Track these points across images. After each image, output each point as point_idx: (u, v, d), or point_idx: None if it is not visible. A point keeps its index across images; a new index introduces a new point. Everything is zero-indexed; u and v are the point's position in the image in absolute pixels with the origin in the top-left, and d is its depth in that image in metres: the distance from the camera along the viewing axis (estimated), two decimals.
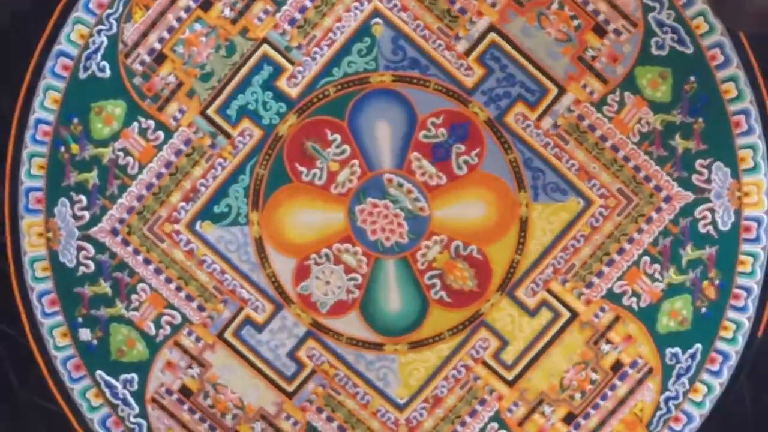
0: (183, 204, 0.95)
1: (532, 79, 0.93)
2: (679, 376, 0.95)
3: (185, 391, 0.97)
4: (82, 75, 0.94)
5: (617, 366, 0.96)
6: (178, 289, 0.96)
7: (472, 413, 0.97)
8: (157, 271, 0.96)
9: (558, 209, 0.94)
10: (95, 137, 0.94)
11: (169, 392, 0.97)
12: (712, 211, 0.94)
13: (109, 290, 0.96)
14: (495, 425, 0.96)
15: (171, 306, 0.96)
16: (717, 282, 0.94)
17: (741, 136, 0.93)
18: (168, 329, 0.97)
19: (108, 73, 0.94)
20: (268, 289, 0.96)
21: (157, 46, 0.94)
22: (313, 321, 0.97)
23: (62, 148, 0.95)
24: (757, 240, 0.94)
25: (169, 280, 0.96)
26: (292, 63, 0.94)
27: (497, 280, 0.95)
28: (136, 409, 0.97)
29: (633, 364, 0.95)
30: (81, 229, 0.95)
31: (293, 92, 0.94)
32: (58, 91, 0.94)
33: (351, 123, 0.94)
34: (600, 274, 0.95)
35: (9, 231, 0.96)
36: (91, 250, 0.96)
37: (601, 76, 0.93)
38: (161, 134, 0.95)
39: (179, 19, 0.94)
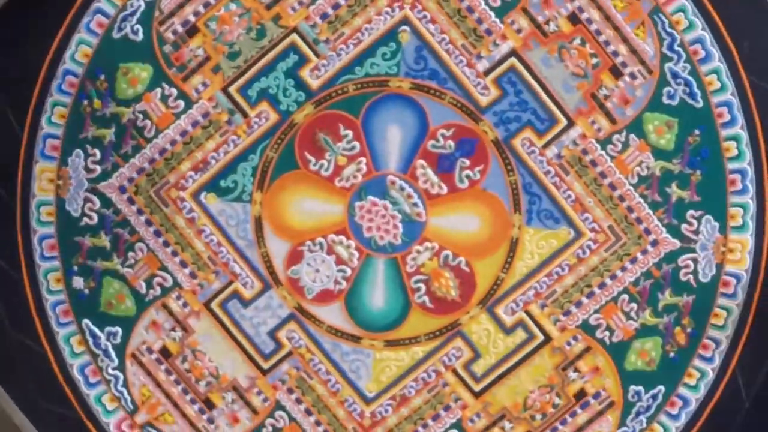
0: (192, 173, 0.99)
1: (543, 108, 0.96)
2: (638, 414, 0.99)
3: (165, 353, 1.01)
4: (116, 35, 0.97)
5: (581, 394, 0.99)
6: (174, 253, 0.99)
7: (435, 417, 1.00)
8: (157, 234, 0.99)
9: (548, 236, 0.98)
10: (118, 96, 0.98)
11: (150, 351, 1.01)
12: (695, 261, 0.97)
13: (108, 244, 0.99)
14: None
15: (164, 269, 1.00)
16: (689, 330, 0.97)
17: (734, 194, 0.96)
18: (158, 290, 1.00)
19: (140, 36, 0.97)
20: (260, 267, 1.00)
21: (192, 18, 0.97)
22: (297, 305, 1.00)
23: (85, 102, 0.98)
24: (733, 296, 0.97)
25: (166, 244, 0.99)
26: (317, 55, 0.97)
27: (480, 294, 0.99)
28: (116, 362, 1.01)
29: (596, 395, 0.99)
30: (91, 182, 0.99)
31: (314, 83, 0.97)
32: (89, 46, 0.97)
33: (365, 122, 0.98)
34: (578, 304, 0.98)
35: (21, 172, 0.99)
36: (97, 203, 0.99)
37: (610, 115, 0.96)
38: (182, 103, 0.98)
39: None
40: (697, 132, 0.96)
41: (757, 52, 0.95)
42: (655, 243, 0.97)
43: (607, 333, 0.98)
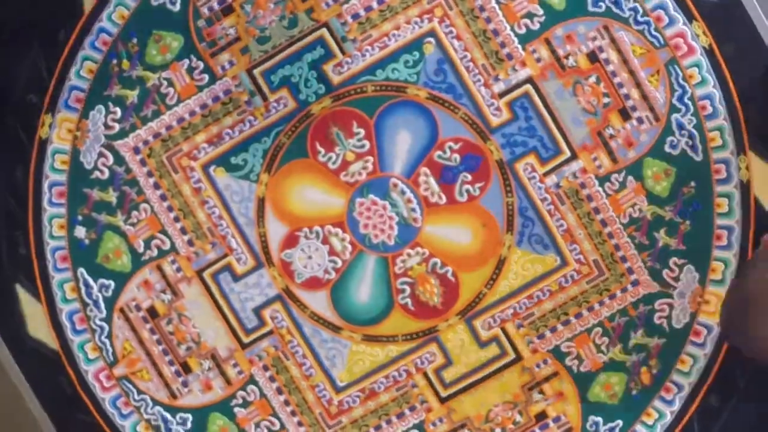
0: (205, 146, 1.02)
1: (550, 137, 0.99)
2: None
3: (152, 312, 1.04)
4: (154, 2, 1.00)
5: (542, 416, 1.02)
6: (176, 219, 1.02)
7: (400, 415, 1.03)
8: (163, 198, 1.02)
9: (535, 260, 1.01)
10: (147, 61, 1.01)
11: (138, 308, 1.04)
12: (671, 306, 1.00)
13: (114, 200, 1.02)
14: None
15: (164, 232, 1.03)
16: (654, 371, 1.01)
17: (719, 248, 0.99)
18: (155, 252, 1.03)
19: (178, 7, 1.00)
20: (256, 245, 1.03)
21: None
22: (285, 287, 1.03)
23: (114, 61, 1.01)
24: (702, 345, 1.00)
25: (170, 209, 1.02)
26: (343, 52, 1.00)
27: (461, 305, 1.02)
28: (104, 314, 1.04)
29: (556, 419, 1.02)
30: (107, 138, 1.02)
31: (335, 79, 1.00)
32: (127, 8, 1.00)
33: (378, 123, 1.01)
34: (553, 330, 1.01)
35: (42, 119, 1.02)
36: (110, 160, 1.02)
37: (613, 154, 0.99)
38: (206, 77, 1.01)
39: None
40: (692, 184, 0.99)
41: (764, 116, 0.98)
42: (635, 283, 1.00)
43: (576, 362, 1.01)
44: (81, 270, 1.03)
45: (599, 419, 1.01)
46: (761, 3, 0.97)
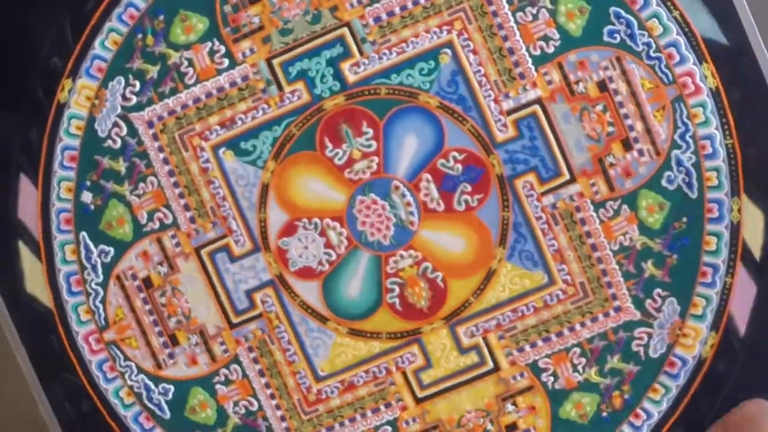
0: (217, 128, 1.04)
1: (552, 159, 1.02)
2: None
3: (147, 283, 1.06)
4: None
5: (512, 427, 1.05)
6: (181, 195, 1.05)
7: (375, 410, 1.06)
8: (170, 173, 1.05)
9: (524, 275, 1.03)
10: (171, 39, 1.03)
11: (134, 277, 1.06)
12: (649, 335, 1.02)
13: (123, 170, 1.05)
14: (389, 429, 1.06)
15: (168, 207, 1.05)
16: (626, 396, 1.03)
17: (702, 285, 1.02)
18: (157, 224, 1.06)
19: None
20: (255, 230, 1.05)
21: None
22: (279, 273, 1.06)
23: (139, 35, 1.03)
24: (675, 377, 1.03)
25: (177, 185, 1.05)
26: (361, 53, 1.03)
27: (446, 310, 1.04)
28: (101, 278, 1.06)
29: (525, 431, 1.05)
30: (124, 109, 1.04)
31: (351, 78, 1.03)
32: None
33: (387, 125, 1.03)
34: (533, 345, 1.04)
35: (64, 81, 1.05)
36: (124, 130, 1.05)
37: (610, 182, 1.02)
38: (226, 61, 1.03)
39: None
40: (684, 220, 1.01)
41: (762, 161, 1.00)
42: (618, 309, 1.03)
43: (551, 378, 1.04)
44: (83, 234, 1.06)
45: None
46: None
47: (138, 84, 1.04)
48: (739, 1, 0.99)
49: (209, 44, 1.03)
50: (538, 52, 1.01)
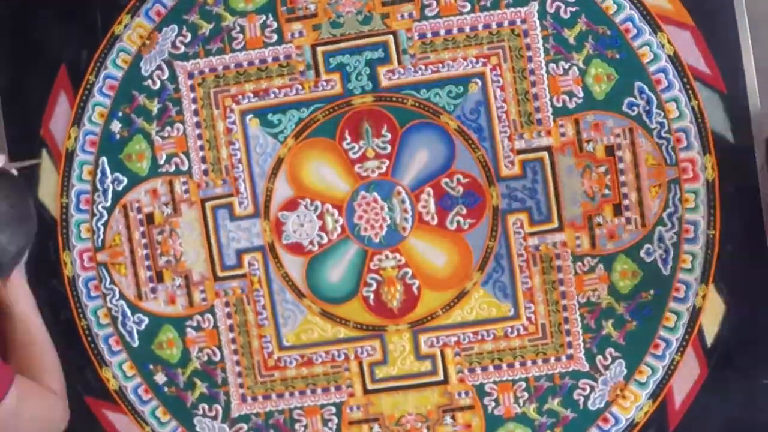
0: (250, 95, 1.10)
1: (546, 204, 1.08)
2: None
3: (150, 218, 1.12)
4: None
5: None
6: (201, 148, 1.11)
7: (325, 390, 1.12)
8: (197, 125, 1.11)
9: (492, 303, 1.09)
10: (231, 3, 1.09)
11: (139, 210, 1.12)
12: (592, 388, 1.08)
13: (155, 110, 1.11)
14: (333, 409, 1.12)
15: (187, 155, 1.11)
16: None
17: (652, 356, 1.08)
18: (172, 167, 1.12)
19: None
20: (260, 197, 1.11)
21: None
22: (271, 242, 1.12)
23: None
24: None
25: (200, 137, 1.11)
26: (399, 62, 1.08)
27: (414, 316, 1.10)
28: (108, 203, 1.12)
29: None
30: (170, 56, 1.11)
31: (384, 82, 1.09)
32: None
33: (405, 133, 1.09)
34: (484, 369, 1.10)
35: (122, 16, 1.11)
36: (166, 74, 1.11)
37: (594, 240, 1.07)
38: (275, 37, 1.09)
39: None
40: (652, 292, 1.07)
41: (736, 258, 1.06)
42: (570, 357, 1.09)
43: (493, 403, 1.10)
44: (103, 159, 1.12)
45: None
46: None
47: (189, 36, 1.10)
48: (755, 110, 1.04)
49: (264, 17, 1.09)
50: (560, 104, 1.07)
